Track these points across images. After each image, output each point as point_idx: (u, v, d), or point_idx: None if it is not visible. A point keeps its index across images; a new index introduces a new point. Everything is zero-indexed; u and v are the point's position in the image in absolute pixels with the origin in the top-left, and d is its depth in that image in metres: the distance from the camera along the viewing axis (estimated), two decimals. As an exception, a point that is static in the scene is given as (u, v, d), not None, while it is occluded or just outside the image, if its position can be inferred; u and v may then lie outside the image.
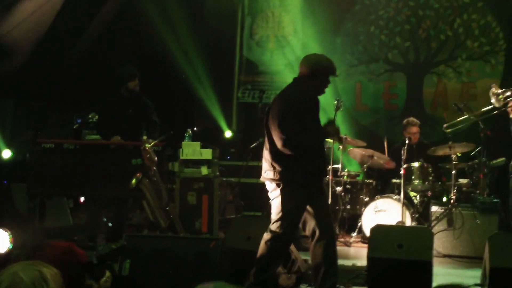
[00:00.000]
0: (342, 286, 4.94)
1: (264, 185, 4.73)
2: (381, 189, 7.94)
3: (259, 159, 4.82)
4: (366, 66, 9.90)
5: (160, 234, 5.72)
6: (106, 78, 7.49)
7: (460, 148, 7.17)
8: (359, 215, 7.43)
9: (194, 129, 7.58)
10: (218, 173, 6.89)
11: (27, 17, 8.03)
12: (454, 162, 7.01)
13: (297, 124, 4.43)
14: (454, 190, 6.92)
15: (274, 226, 4.57)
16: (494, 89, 5.66)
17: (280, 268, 4.80)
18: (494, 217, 6.64)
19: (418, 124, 7.95)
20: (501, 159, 7.35)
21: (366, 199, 7.61)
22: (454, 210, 6.77)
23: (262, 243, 4.61)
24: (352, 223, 7.65)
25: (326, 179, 7.39)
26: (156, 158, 5.77)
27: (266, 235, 4.60)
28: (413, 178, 7.24)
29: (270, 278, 4.64)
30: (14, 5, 7.73)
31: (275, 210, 4.59)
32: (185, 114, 10.03)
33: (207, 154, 6.79)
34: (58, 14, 8.24)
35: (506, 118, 6.25)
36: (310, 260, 4.79)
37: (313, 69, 4.65)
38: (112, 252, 3.07)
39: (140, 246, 4.50)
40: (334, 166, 7.59)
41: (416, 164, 7.29)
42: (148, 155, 5.73)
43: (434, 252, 4.81)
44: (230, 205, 8.15)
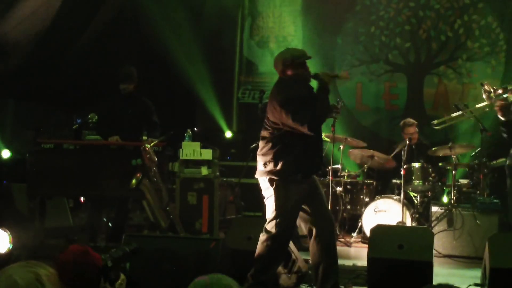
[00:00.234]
0: (343, 286, 4.93)
1: (264, 185, 4.71)
2: (381, 189, 7.94)
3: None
4: (366, 67, 9.90)
5: (160, 234, 5.71)
6: (106, 78, 7.49)
7: (460, 148, 7.17)
8: (360, 215, 7.44)
9: (194, 129, 7.58)
10: (218, 173, 6.89)
11: (27, 17, 8.02)
12: (454, 163, 7.01)
13: (297, 107, 4.41)
14: (454, 191, 6.92)
15: (269, 226, 4.54)
16: (487, 87, 5.66)
17: (280, 268, 4.78)
18: (494, 217, 6.64)
19: (415, 124, 7.93)
20: (501, 160, 7.33)
21: (367, 200, 7.61)
22: (454, 210, 6.77)
23: (259, 244, 4.58)
24: (352, 223, 7.65)
25: (327, 180, 7.39)
26: (156, 159, 5.76)
27: (262, 236, 4.57)
28: (413, 178, 7.24)
29: (270, 279, 4.62)
30: (13, 4, 7.73)
31: (270, 209, 4.56)
32: (185, 114, 10.02)
33: (207, 154, 6.79)
34: (57, 14, 8.23)
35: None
36: (310, 259, 4.78)
37: (281, 69, 4.64)
38: (125, 254, 3.06)
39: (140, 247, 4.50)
40: (334, 167, 7.58)
41: (416, 164, 7.29)
42: (148, 155, 5.72)
43: (434, 252, 4.80)
44: (230, 205, 8.15)
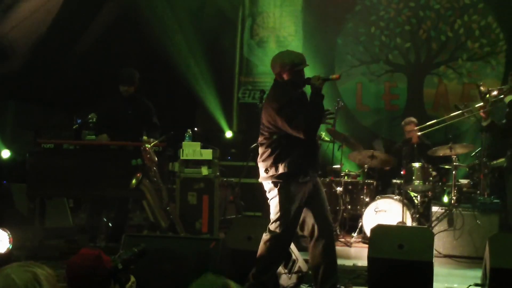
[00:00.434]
0: (343, 286, 4.93)
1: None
2: (381, 189, 7.94)
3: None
4: (367, 67, 9.91)
5: (160, 235, 5.71)
6: (106, 79, 7.49)
7: (460, 148, 7.16)
8: (360, 215, 7.43)
9: (195, 129, 7.58)
10: (218, 173, 6.89)
11: (27, 17, 8.03)
12: (454, 163, 7.00)
13: (292, 113, 4.42)
14: (455, 191, 6.92)
15: (273, 226, 4.56)
16: (483, 88, 5.67)
17: (280, 268, 4.78)
18: (495, 217, 6.64)
19: (414, 122, 7.92)
20: (501, 160, 7.31)
21: (367, 200, 7.60)
22: (454, 210, 6.77)
23: (262, 244, 4.59)
24: (352, 223, 7.65)
25: (327, 180, 7.39)
26: (156, 159, 5.76)
27: (265, 236, 4.59)
28: (413, 178, 7.22)
29: (271, 279, 4.63)
30: (14, 5, 7.73)
31: (273, 210, 4.58)
32: (185, 114, 10.03)
33: (208, 154, 6.78)
34: (58, 15, 8.24)
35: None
36: (309, 260, 4.78)
37: (278, 71, 4.62)
38: (134, 255, 3.04)
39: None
40: (334, 167, 7.58)
41: (416, 164, 7.28)
42: (148, 156, 5.72)
43: (435, 252, 4.79)
44: (230, 205, 8.15)
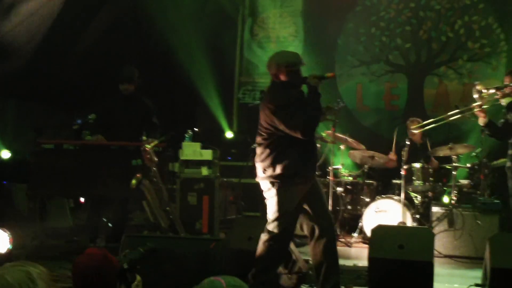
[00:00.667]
0: (343, 287, 4.92)
1: (264, 185, 4.72)
2: (382, 189, 7.93)
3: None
4: (367, 67, 9.90)
5: (160, 235, 5.71)
6: (107, 78, 7.48)
7: (461, 149, 7.16)
8: (360, 216, 7.43)
9: (195, 129, 7.56)
10: (218, 173, 6.89)
11: (28, 17, 8.02)
12: (454, 163, 7.00)
13: (289, 113, 4.43)
14: (455, 191, 6.91)
15: (271, 226, 4.55)
16: (479, 86, 5.67)
17: (281, 268, 4.78)
18: (495, 217, 6.64)
19: (415, 121, 7.90)
20: (502, 160, 7.32)
21: (367, 200, 7.61)
22: (455, 210, 6.77)
23: (260, 244, 4.59)
24: (353, 224, 7.65)
25: (327, 180, 7.38)
26: (156, 159, 5.76)
27: (264, 236, 4.58)
28: (413, 178, 7.23)
29: (271, 279, 4.62)
30: (14, 5, 7.73)
31: (271, 210, 4.57)
32: (185, 114, 10.02)
33: (208, 154, 6.79)
34: (59, 15, 8.23)
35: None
36: (311, 260, 4.78)
37: (273, 71, 4.62)
38: (141, 255, 3.05)
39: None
40: (334, 167, 7.58)
41: (417, 164, 7.28)
42: (148, 156, 5.72)
43: (435, 252, 4.79)
44: (231, 205, 8.15)
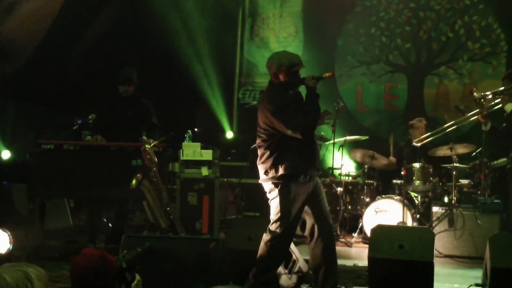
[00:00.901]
0: (343, 287, 4.93)
1: (264, 186, 4.72)
2: (382, 189, 7.93)
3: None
4: (367, 67, 9.91)
5: (160, 235, 5.71)
6: (107, 79, 7.48)
7: (461, 149, 7.16)
8: (360, 216, 7.43)
9: (195, 129, 7.58)
10: (218, 173, 6.89)
11: (28, 18, 8.03)
12: (455, 163, 7.00)
13: (288, 114, 4.43)
14: (455, 191, 6.91)
15: (273, 227, 4.56)
16: (476, 94, 5.68)
17: (281, 268, 4.78)
18: (495, 217, 6.64)
19: (424, 123, 7.90)
20: (502, 160, 7.32)
21: (367, 200, 7.60)
22: (455, 210, 6.77)
23: (262, 244, 4.60)
24: (353, 224, 7.65)
25: (327, 180, 7.38)
26: (156, 159, 5.76)
27: (266, 236, 4.59)
28: (414, 178, 7.22)
29: (271, 279, 4.63)
30: (14, 6, 7.73)
31: (274, 211, 4.58)
32: (186, 115, 10.03)
33: (208, 155, 6.78)
34: (58, 15, 8.24)
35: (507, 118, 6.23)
36: (310, 260, 4.78)
37: (274, 71, 4.62)
38: (139, 255, 3.05)
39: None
40: (335, 167, 7.57)
41: (417, 164, 7.28)
42: (148, 156, 5.71)
43: (435, 252, 4.79)
44: (231, 205, 8.15)
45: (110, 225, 6.98)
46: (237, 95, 10.37)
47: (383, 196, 7.45)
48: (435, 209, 6.95)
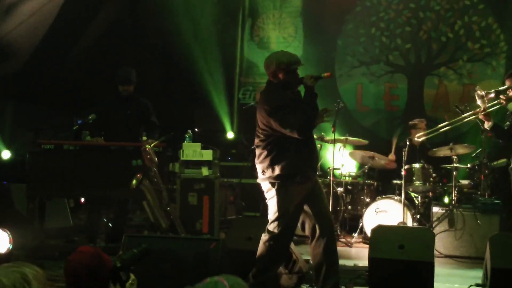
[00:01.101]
0: (344, 287, 4.92)
1: (264, 186, 4.72)
2: (382, 190, 7.93)
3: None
4: (367, 68, 9.90)
5: (160, 235, 5.70)
6: (106, 79, 7.49)
7: (461, 149, 7.16)
8: (360, 216, 7.43)
9: (195, 130, 7.57)
10: (219, 174, 6.89)
11: (27, 18, 8.02)
12: (455, 164, 7.00)
13: (286, 114, 4.44)
14: (455, 191, 6.91)
15: (271, 227, 4.56)
16: (479, 92, 5.68)
17: (281, 268, 4.78)
18: (495, 217, 6.64)
19: (425, 123, 7.90)
20: (502, 160, 7.32)
21: (367, 200, 7.60)
22: (455, 211, 6.76)
23: (261, 244, 4.60)
24: (353, 224, 7.65)
25: (327, 180, 7.38)
26: (156, 159, 5.76)
27: (264, 236, 4.59)
28: (414, 179, 7.22)
29: (271, 279, 4.63)
30: (13, 6, 7.72)
31: (272, 210, 4.58)
32: (186, 115, 10.02)
33: (208, 155, 6.78)
34: (57, 16, 8.23)
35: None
36: (311, 260, 4.78)
37: (273, 69, 4.62)
38: (135, 256, 3.05)
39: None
40: (335, 167, 7.57)
41: (417, 165, 7.28)
42: (148, 156, 5.71)
43: (435, 252, 4.79)
44: (231, 205, 8.15)
45: (110, 225, 6.98)
46: (237, 95, 10.36)
47: (383, 196, 7.45)
48: (435, 209, 6.95)
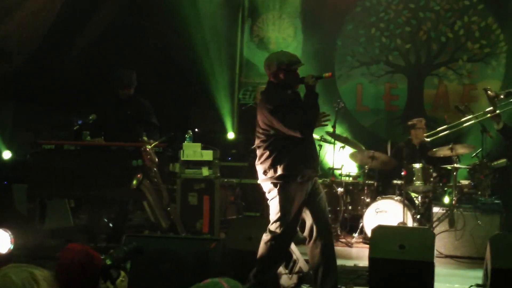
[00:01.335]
0: (344, 287, 4.93)
1: (264, 186, 4.72)
2: (382, 190, 7.93)
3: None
4: (367, 68, 9.90)
5: (161, 235, 5.70)
6: (106, 79, 7.48)
7: (461, 149, 7.16)
8: (361, 216, 7.42)
9: (195, 130, 7.57)
10: (219, 174, 6.89)
11: (27, 19, 8.02)
12: (455, 164, 7.00)
13: (287, 113, 4.44)
14: (456, 191, 6.92)
15: (273, 227, 4.57)
16: (490, 92, 5.67)
17: (281, 268, 4.79)
18: (496, 218, 6.65)
19: (424, 122, 7.91)
20: (502, 160, 7.33)
21: (367, 200, 7.60)
22: (455, 211, 6.77)
23: (262, 244, 4.61)
24: (353, 224, 7.65)
25: (328, 180, 7.39)
26: (156, 159, 5.76)
27: (265, 236, 4.60)
28: (414, 179, 7.22)
29: (271, 279, 4.64)
30: (13, 7, 7.72)
31: (273, 211, 4.60)
32: (186, 115, 10.01)
33: (208, 155, 6.79)
34: (57, 16, 8.23)
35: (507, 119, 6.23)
36: (309, 260, 4.79)
37: (273, 70, 4.63)
38: (125, 253, 3.05)
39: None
40: (335, 167, 7.57)
41: (417, 165, 7.28)
42: (149, 156, 5.72)
43: (436, 252, 4.79)
44: (231, 206, 8.15)
45: (110, 225, 6.98)
46: (237, 96, 10.37)
47: (384, 196, 7.44)
48: (436, 209, 6.95)
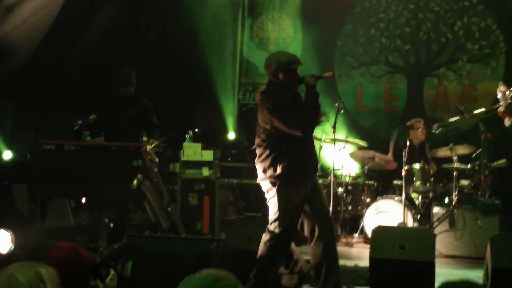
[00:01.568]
0: (344, 286, 4.93)
1: (264, 186, 4.72)
2: (382, 190, 7.94)
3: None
4: (366, 68, 9.90)
5: (161, 235, 5.71)
6: (106, 79, 7.49)
7: (461, 149, 7.17)
8: (361, 216, 7.43)
9: (195, 130, 7.57)
10: (219, 174, 6.89)
11: (27, 18, 8.02)
12: (455, 164, 7.01)
13: (287, 112, 4.45)
14: (456, 192, 6.93)
15: (272, 226, 4.57)
16: (501, 87, 5.66)
17: (282, 268, 4.79)
18: (496, 218, 6.65)
19: (423, 122, 7.91)
20: (502, 161, 7.35)
21: (368, 200, 7.61)
22: (455, 211, 6.78)
23: (262, 244, 4.60)
24: (354, 224, 7.66)
25: (328, 180, 7.39)
26: (157, 159, 5.76)
27: (265, 236, 4.60)
28: (414, 179, 7.24)
29: (271, 279, 4.64)
30: (14, 6, 7.72)
31: (272, 210, 4.59)
32: (186, 115, 10.02)
33: (208, 155, 6.79)
34: (58, 16, 8.23)
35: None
36: (311, 260, 4.79)
37: (273, 69, 4.64)
38: (115, 251, 3.06)
39: (141, 247, 4.50)
40: (335, 168, 7.58)
41: (417, 165, 7.29)
42: (149, 157, 5.72)
43: (436, 252, 4.80)
44: (231, 206, 8.16)
45: (111, 225, 6.98)
46: (237, 96, 10.37)
47: (384, 196, 7.45)
48: (436, 209, 6.96)
